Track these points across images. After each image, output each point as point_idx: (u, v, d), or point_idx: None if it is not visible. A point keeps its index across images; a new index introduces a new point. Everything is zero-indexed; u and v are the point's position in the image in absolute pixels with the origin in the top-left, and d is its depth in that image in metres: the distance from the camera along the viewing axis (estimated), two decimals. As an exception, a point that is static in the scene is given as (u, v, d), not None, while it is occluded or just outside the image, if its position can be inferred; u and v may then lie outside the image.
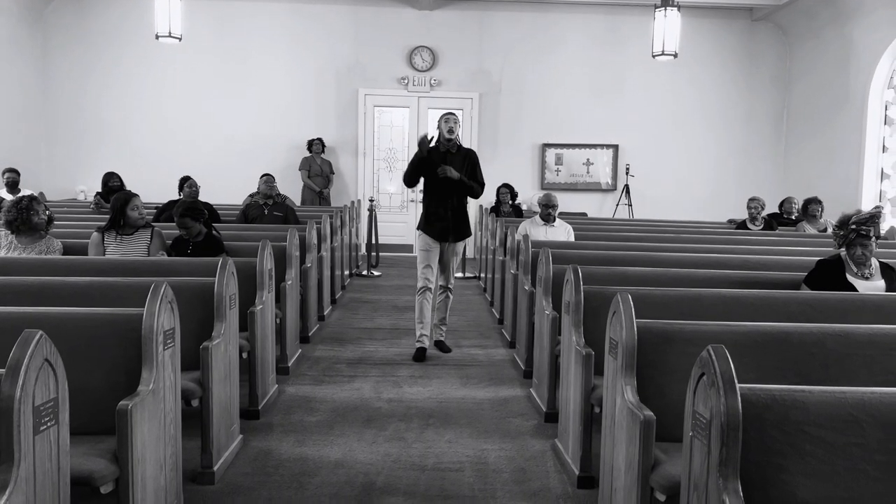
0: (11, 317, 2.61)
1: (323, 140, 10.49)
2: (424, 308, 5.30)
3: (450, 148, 5.26)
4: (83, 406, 2.44)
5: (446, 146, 5.27)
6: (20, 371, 1.72)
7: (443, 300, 5.45)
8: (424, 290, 5.30)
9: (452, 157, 5.27)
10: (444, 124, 5.28)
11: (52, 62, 10.59)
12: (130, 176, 8.51)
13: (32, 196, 4.63)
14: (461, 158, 5.32)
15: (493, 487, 3.25)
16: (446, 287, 5.45)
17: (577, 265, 3.58)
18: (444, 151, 5.26)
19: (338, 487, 3.20)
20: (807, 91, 10.64)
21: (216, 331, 3.33)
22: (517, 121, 11.05)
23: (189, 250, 4.75)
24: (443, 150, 5.26)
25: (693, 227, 7.87)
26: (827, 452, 1.86)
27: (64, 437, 1.93)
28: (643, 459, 2.38)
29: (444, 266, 5.39)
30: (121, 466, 2.33)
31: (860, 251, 3.94)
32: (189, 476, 3.17)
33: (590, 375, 3.22)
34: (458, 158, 5.30)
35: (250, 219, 7.01)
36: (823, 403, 1.89)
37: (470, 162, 5.35)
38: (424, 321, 5.31)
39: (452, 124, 5.26)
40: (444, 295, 5.45)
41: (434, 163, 5.18)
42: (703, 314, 3.34)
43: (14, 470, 1.68)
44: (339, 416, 4.10)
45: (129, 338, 2.59)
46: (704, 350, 1.87)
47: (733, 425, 1.75)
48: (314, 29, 10.72)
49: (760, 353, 2.68)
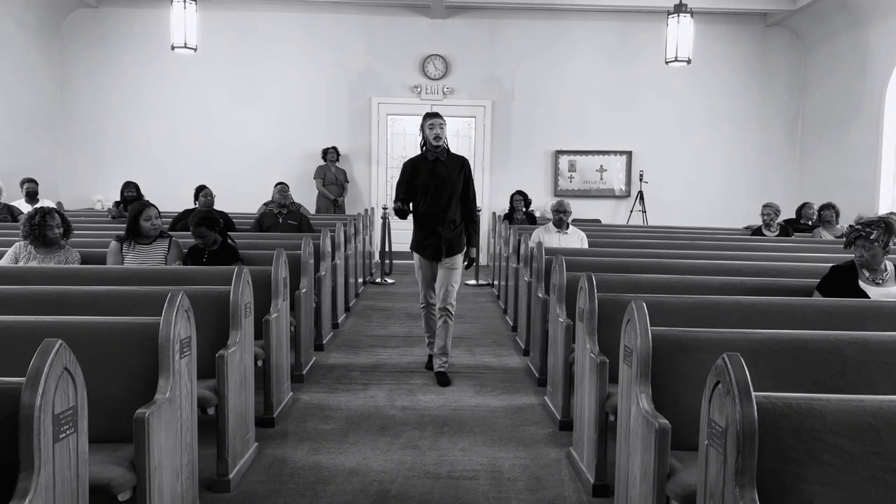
0: (30, 326, 2.64)
1: (337, 149, 10.55)
2: (429, 321, 5.01)
3: (438, 155, 4.74)
4: (100, 414, 2.47)
5: (434, 153, 4.74)
6: (40, 380, 1.75)
7: (442, 326, 4.88)
8: (426, 305, 5.02)
9: (443, 165, 4.75)
10: (429, 130, 4.71)
11: (69, 73, 10.74)
12: (146, 185, 8.59)
13: (46, 210, 4.59)
14: (456, 167, 4.79)
15: (508, 496, 3.24)
16: (445, 310, 4.86)
17: (590, 273, 3.57)
18: (433, 160, 4.74)
19: (352, 496, 3.21)
20: (822, 96, 10.57)
21: (231, 339, 3.36)
22: (530, 128, 11.06)
23: (205, 259, 4.79)
24: (431, 158, 4.74)
25: (708, 234, 7.83)
26: (844, 461, 1.84)
27: (83, 445, 1.95)
28: (659, 468, 2.37)
29: (441, 285, 4.85)
30: (138, 474, 2.35)
31: (860, 252, 3.90)
32: (205, 484, 3.19)
33: (604, 383, 3.21)
34: (452, 167, 4.78)
35: (265, 227, 7.06)
36: (840, 412, 1.87)
37: (464, 173, 4.82)
38: (432, 330, 5.06)
39: (438, 130, 4.68)
40: (443, 320, 4.87)
41: (422, 174, 4.73)
42: (718, 322, 3.32)
43: (34, 477, 1.70)
44: (353, 423, 4.11)
45: (146, 346, 2.61)
46: (720, 358, 1.86)
47: (749, 434, 1.74)
48: (327, 39, 10.80)
49: (776, 360, 2.66)
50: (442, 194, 4.73)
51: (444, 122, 4.77)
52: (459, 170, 4.81)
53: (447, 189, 4.74)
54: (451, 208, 4.77)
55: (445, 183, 4.73)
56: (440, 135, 4.70)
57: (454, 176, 4.77)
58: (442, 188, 4.73)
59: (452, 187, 4.76)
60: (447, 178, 4.75)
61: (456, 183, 4.77)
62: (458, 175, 4.79)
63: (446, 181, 4.74)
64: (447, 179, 4.74)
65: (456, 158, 4.84)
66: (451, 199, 4.76)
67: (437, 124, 4.71)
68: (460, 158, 4.88)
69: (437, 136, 4.69)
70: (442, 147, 4.73)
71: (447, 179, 4.74)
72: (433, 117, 4.76)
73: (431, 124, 4.72)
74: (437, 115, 4.79)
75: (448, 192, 4.74)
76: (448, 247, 4.79)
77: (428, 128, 4.73)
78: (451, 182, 4.75)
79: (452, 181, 4.76)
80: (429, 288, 4.94)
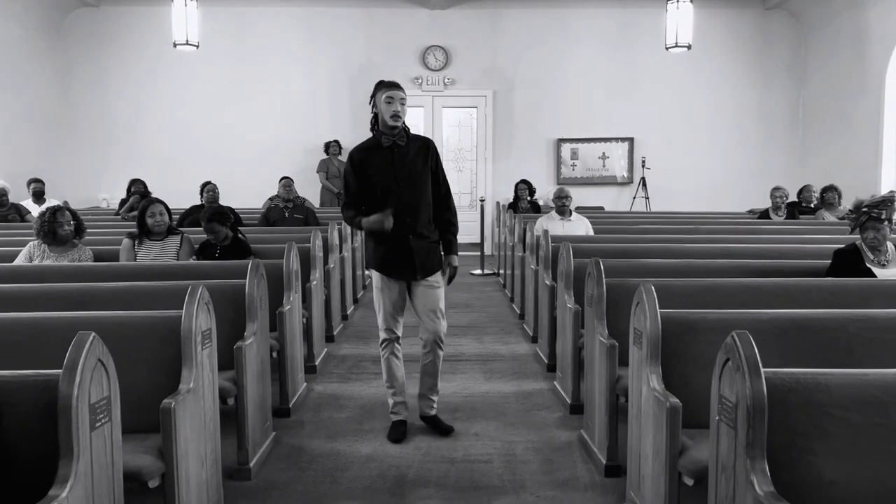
0: (58, 321, 2.72)
1: (340, 142, 10.60)
2: (393, 367, 3.76)
3: (396, 139, 3.57)
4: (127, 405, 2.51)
5: (391, 137, 3.56)
6: (77, 370, 1.82)
7: (430, 361, 3.75)
8: (388, 342, 3.75)
9: (402, 151, 3.59)
10: (387, 105, 3.50)
11: (71, 72, 10.79)
12: (152, 182, 8.65)
13: (56, 208, 4.65)
14: (419, 152, 3.63)
15: (522, 478, 3.32)
16: (435, 343, 3.72)
17: (598, 258, 3.64)
18: (389, 146, 3.57)
19: (370, 481, 3.29)
20: (822, 79, 10.59)
21: (248, 331, 3.43)
22: (532, 117, 11.10)
23: (217, 254, 4.86)
24: (386, 143, 3.57)
25: (712, 218, 7.88)
26: (852, 433, 1.91)
27: (117, 433, 2.03)
28: (671, 445, 2.44)
29: (425, 310, 3.69)
30: (166, 462, 2.43)
31: (872, 234, 3.99)
32: (226, 473, 3.26)
33: (614, 366, 3.28)
34: (415, 153, 3.61)
35: (272, 221, 7.13)
36: (846, 385, 1.94)
37: (431, 158, 3.66)
38: (396, 385, 3.78)
39: (398, 106, 3.51)
40: (433, 355, 3.75)
41: (376, 167, 3.57)
42: (725, 304, 3.39)
43: (73, 464, 1.78)
44: (367, 412, 4.19)
45: (169, 339, 2.69)
46: (729, 336, 1.93)
47: (759, 407, 1.81)
48: (328, 32, 10.84)
49: (783, 339, 2.73)
50: (407, 192, 3.57)
51: (405, 97, 3.56)
52: (425, 156, 3.64)
53: (413, 183, 3.59)
54: (421, 209, 3.61)
55: (410, 175, 3.58)
56: (399, 112, 3.52)
57: (419, 164, 3.61)
58: (407, 183, 3.57)
59: (420, 180, 3.60)
60: (411, 168, 3.59)
61: (423, 174, 3.62)
62: (424, 163, 3.63)
63: (411, 173, 3.58)
64: (412, 170, 3.59)
65: (418, 140, 3.68)
66: (420, 197, 3.60)
67: (396, 97, 3.51)
68: (423, 140, 3.72)
69: (396, 114, 3.51)
70: (400, 129, 3.56)
71: (412, 170, 3.59)
72: (391, 87, 3.53)
73: (390, 97, 3.50)
74: (396, 86, 3.55)
75: (415, 187, 3.59)
76: (423, 262, 3.63)
77: (385, 102, 3.51)
78: (417, 173, 3.60)
79: (418, 171, 3.60)
80: (393, 317, 3.73)
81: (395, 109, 3.50)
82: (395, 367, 3.79)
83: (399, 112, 3.51)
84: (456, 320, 6.34)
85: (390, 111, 3.50)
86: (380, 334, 3.79)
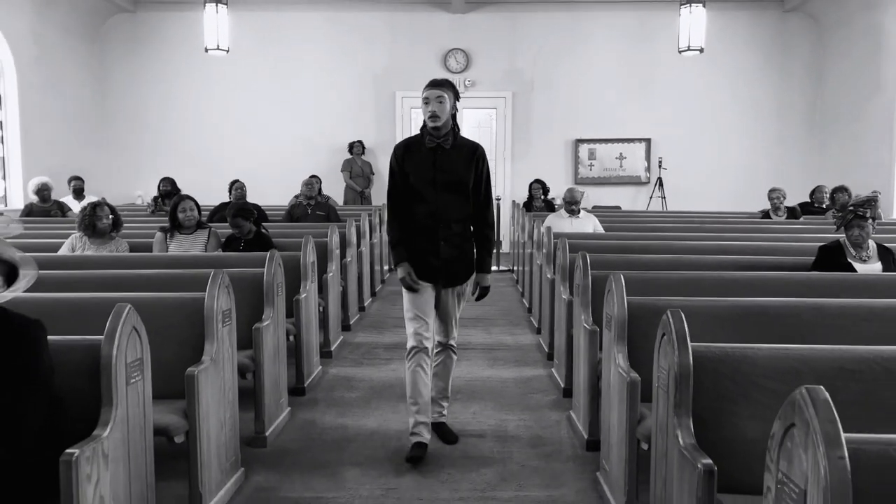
0: (99, 301, 3.10)
1: (363, 142, 11.00)
2: (418, 381, 3.46)
3: (441, 142, 3.40)
4: (157, 374, 2.91)
5: (435, 139, 3.40)
6: (115, 334, 2.20)
7: (441, 363, 3.68)
8: (417, 351, 3.47)
9: (445, 154, 3.42)
10: (424, 107, 3.37)
11: (109, 75, 11.35)
12: (183, 180, 9.13)
13: (96, 203, 5.10)
14: (465, 157, 3.44)
15: (510, 450, 3.64)
16: (446, 345, 3.67)
17: (585, 252, 3.94)
18: (433, 147, 3.41)
19: (373, 450, 3.65)
20: (839, 80, 10.69)
21: (266, 314, 3.81)
22: (550, 117, 11.38)
23: (241, 247, 5.26)
24: (430, 144, 3.41)
25: (718, 218, 8.10)
26: (772, 399, 2.20)
27: (147, 389, 2.41)
28: (630, 416, 2.75)
29: (445, 318, 3.63)
30: (190, 422, 2.81)
31: (857, 231, 4.22)
32: (244, 440, 3.64)
33: (595, 349, 3.59)
34: (458, 157, 3.43)
35: (295, 218, 7.54)
36: (770, 357, 2.24)
37: (476, 166, 3.46)
38: (420, 402, 3.48)
39: (435, 105, 3.33)
40: (444, 356, 3.69)
41: (416, 165, 3.42)
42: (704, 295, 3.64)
43: (113, 411, 2.16)
44: (376, 393, 4.55)
45: (194, 318, 3.06)
46: (664, 314, 2.24)
47: (685, 374, 2.12)
48: (352, 36, 11.25)
49: (741, 324, 3.01)
50: (444, 197, 3.43)
51: (443, 95, 3.34)
52: (469, 161, 3.45)
53: (451, 189, 3.44)
54: (456, 217, 3.47)
55: (450, 181, 3.43)
56: (437, 112, 3.33)
57: (461, 170, 3.44)
58: (444, 188, 3.43)
59: (459, 188, 3.45)
60: (452, 173, 3.42)
61: (464, 180, 3.44)
62: (467, 169, 3.45)
63: (451, 179, 3.43)
64: (452, 176, 3.42)
65: (466, 145, 3.50)
66: (456, 205, 3.46)
67: (432, 97, 3.33)
68: (471, 144, 3.52)
69: (434, 115, 3.33)
70: (444, 130, 3.39)
71: (452, 176, 3.42)
72: (427, 87, 3.38)
73: (425, 98, 3.36)
74: (431, 84, 3.37)
75: (453, 193, 3.44)
76: (450, 271, 3.51)
77: (423, 103, 3.39)
78: (457, 180, 3.43)
79: (459, 178, 3.44)
80: (421, 322, 3.47)
81: (431, 110, 3.33)
82: (421, 381, 3.46)
83: (436, 112, 3.33)
84: (466, 313, 6.60)
85: (427, 112, 3.36)
86: (407, 342, 3.52)
